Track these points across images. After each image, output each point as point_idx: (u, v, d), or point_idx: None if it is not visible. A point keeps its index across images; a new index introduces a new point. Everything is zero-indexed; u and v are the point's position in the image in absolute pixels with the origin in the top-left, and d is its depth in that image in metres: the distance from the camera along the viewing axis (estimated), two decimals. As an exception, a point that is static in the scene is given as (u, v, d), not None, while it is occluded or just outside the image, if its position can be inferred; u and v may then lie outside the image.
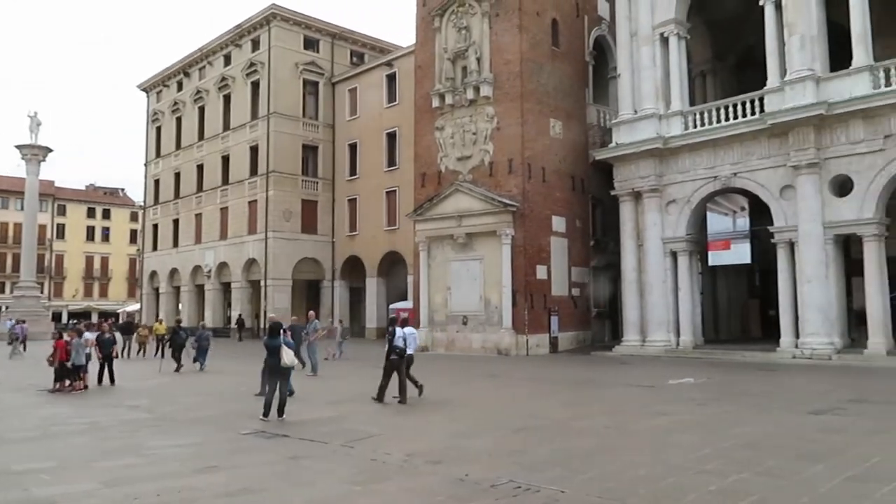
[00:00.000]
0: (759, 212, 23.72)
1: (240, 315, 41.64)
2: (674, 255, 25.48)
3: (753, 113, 23.43)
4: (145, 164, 54.32)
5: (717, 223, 24.84)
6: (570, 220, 29.05)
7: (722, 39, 30.46)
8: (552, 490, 6.65)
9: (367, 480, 7.29)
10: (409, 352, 13.64)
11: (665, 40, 26.08)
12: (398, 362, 13.29)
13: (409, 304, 31.95)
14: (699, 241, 25.50)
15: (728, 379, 17.46)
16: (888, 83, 20.66)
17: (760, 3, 23.49)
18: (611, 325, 30.70)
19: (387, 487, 7.08)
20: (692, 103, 27.05)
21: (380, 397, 13.31)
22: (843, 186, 21.60)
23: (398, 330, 13.56)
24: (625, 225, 26.76)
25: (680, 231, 25.29)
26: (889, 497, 6.28)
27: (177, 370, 21.00)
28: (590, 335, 29.58)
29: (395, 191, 38.24)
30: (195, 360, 21.47)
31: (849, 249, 22.67)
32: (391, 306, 34.03)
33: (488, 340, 27.28)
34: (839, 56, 22.13)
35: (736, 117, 23.95)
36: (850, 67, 21.40)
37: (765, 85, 23.30)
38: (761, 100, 23.34)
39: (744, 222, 24.19)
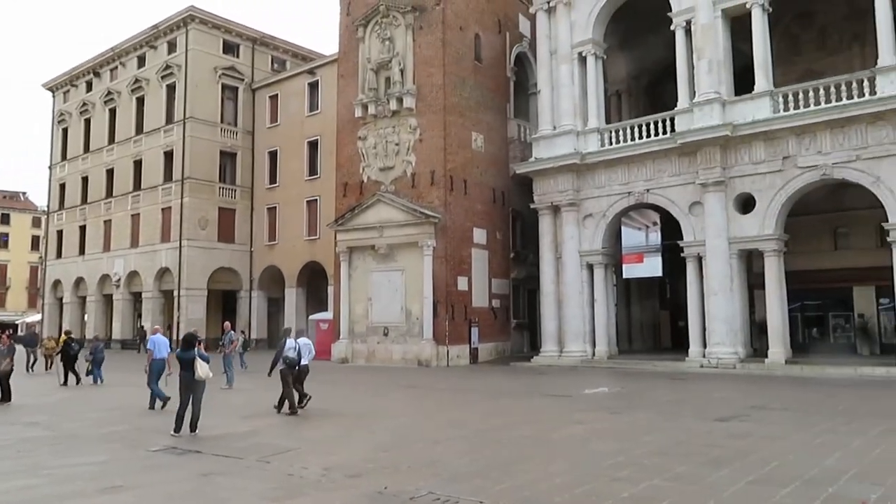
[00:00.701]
0: (671, 227, 24.74)
1: (142, 326, 40.06)
2: (590, 267, 26.21)
3: (665, 132, 24.46)
4: (50, 168, 51.50)
5: (631, 237, 25.74)
6: (490, 232, 29.45)
7: (636, 61, 31.69)
8: (472, 501, 6.69)
9: (283, 496, 7.12)
10: (303, 362, 13.57)
11: (583, 59, 26.91)
12: (286, 371, 13.22)
13: (329, 315, 31.54)
14: (614, 255, 26.33)
15: (640, 388, 18.06)
16: (786, 108, 22.03)
17: (672, 27, 24.61)
18: (530, 336, 31.25)
19: (303, 502, 6.93)
20: (608, 121, 28.00)
21: (280, 408, 13.41)
22: (746, 204, 22.81)
23: (290, 341, 13.51)
24: (544, 238, 27.34)
25: (596, 244, 26.05)
26: (787, 499, 6.64)
27: (64, 383, 20.10)
28: (509, 346, 30.00)
29: (316, 200, 37.74)
30: (89, 374, 20.60)
31: (751, 264, 23.94)
32: (311, 317, 33.48)
33: (409, 351, 27.23)
34: (744, 80, 23.43)
35: (649, 136, 24.93)
36: (753, 92, 22.69)
37: (675, 106, 24.38)
38: (672, 120, 24.40)
39: (656, 237, 25.16)
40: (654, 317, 31.85)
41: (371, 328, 28.70)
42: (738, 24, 23.82)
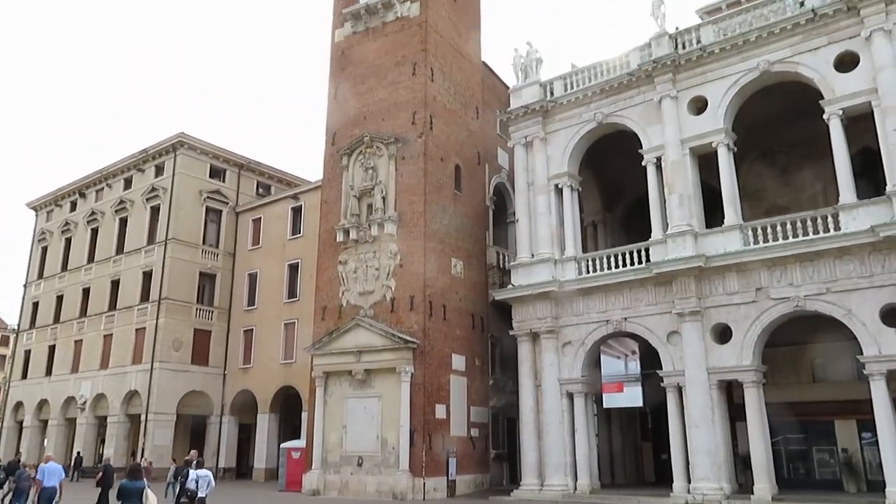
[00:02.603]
0: (650, 355, 24.68)
1: (78, 452, 38.50)
2: (570, 396, 25.82)
3: (640, 262, 24.94)
4: (25, 286, 50.95)
5: (611, 366, 25.57)
6: (469, 358, 29.17)
7: (611, 193, 32.85)
8: None
9: None
10: (200, 495, 13.32)
11: (559, 191, 27.84)
12: None
13: (301, 443, 30.41)
14: (594, 383, 26.02)
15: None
16: (756, 241, 22.68)
17: (643, 163, 25.73)
18: (509, 468, 30.21)
19: None
20: (585, 250, 28.59)
21: None
22: (723, 334, 22.95)
23: (191, 472, 13.38)
24: (523, 365, 27.06)
25: (575, 372, 25.80)
26: None
27: None
28: (488, 478, 28.91)
29: (293, 323, 37.42)
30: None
31: (732, 395, 23.73)
32: (282, 445, 32.29)
33: (384, 483, 26.09)
34: (715, 211, 24.25)
35: (625, 265, 25.38)
36: (724, 225, 23.45)
37: (650, 236, 25.05)
38: (647, 250, 24.97)
39: (635, 366, 25.03)
40: (636, 448, 31.06)
41: (345, 457, 27.63)
42: (706, 161, 24.98)
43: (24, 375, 47.81)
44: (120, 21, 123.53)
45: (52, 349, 45.89)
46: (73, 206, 48.53)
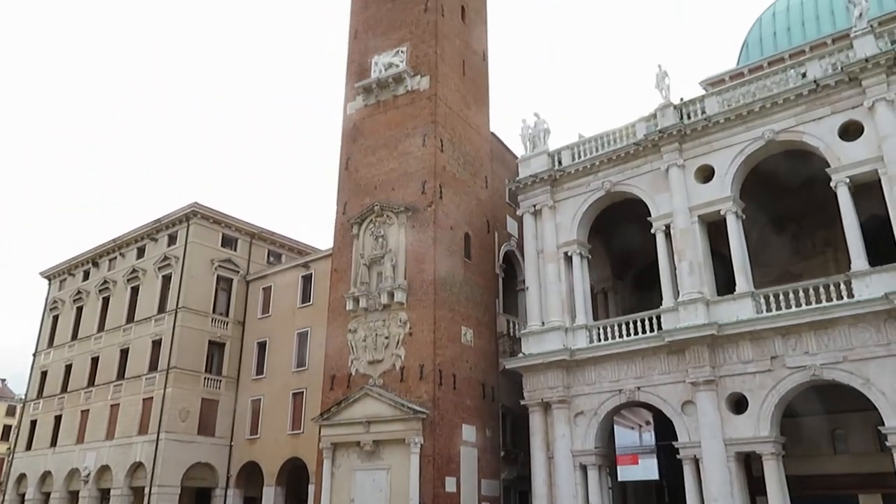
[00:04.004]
0: (665, 426, 24.13)
1: None
2: (584, 468, 25.14)
3: (652, 330, 24.70)
4: (34, 355, 50.82)
5: (625, 437, 25.00)
6: (480, 429, 28.61)
7: (620, 260, 32.84)
8: None
9: None
10: None
11: (569, 259, 27.87)
12: None
13: (308, 517, 29.58)
14: (608, 455, 25.39)
15: None
16: (769, 308, 22.48)
17: (652, 231, 25.81)
18: (522, 544, 29.18)
19: None
20: (596, 318, 28.38)
21: None
22: (739, 404, 22.47)
23: None
24: (535, 436, 26.48)
25: (588, 444, 25.20)
26: None
27: None
28: (500, 555, 27.89)
29: (302, 392, 36.95)
30: None
31: (750, 467, 23.06)
32: (288, 520, 31.39)
33: (392, 561, 25.22)
34: (727, 278, 24.12)
35: (637, 333, 25.14)
36: (735, 293, 23.29)
37: (661, 303, 24.88)
38: (658, 318, 24.76)
39: (649, 437, 24.46)
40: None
41: (352, 534, 26.81)
42: (715, 228, 25.05)
43: (29, 446, 47.15)
44: (139, 92, 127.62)
45: (58, 419, 45.39)
46: (86, 276, 48.90)
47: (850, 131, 22.45)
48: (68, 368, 46.68)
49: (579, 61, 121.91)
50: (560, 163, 28.93)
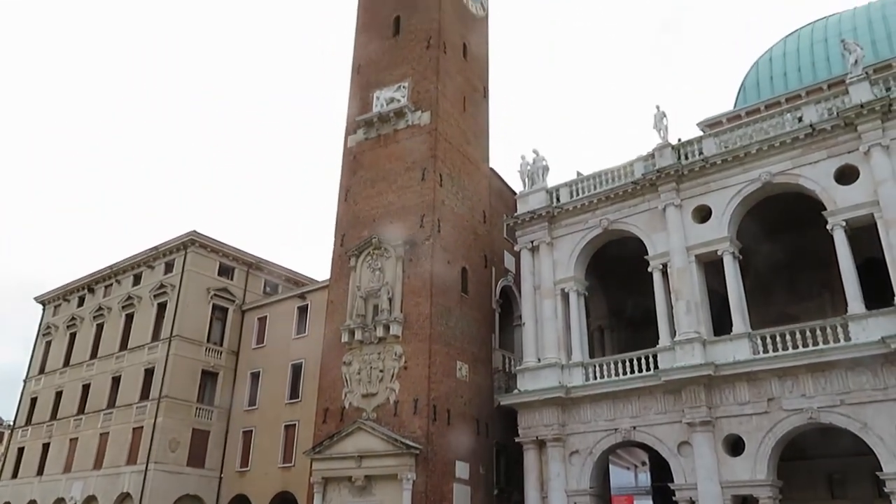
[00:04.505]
0: (661, 467, 23.87)
1: None
2: (578, 509, 24.78)
3: (649, 368, 24.59)
4: (25, 381, 50.28)
5: (620, 477, 24.77)
6: (473, 465, 28.25)
7: (617, 297, 32.81)
8: None
9: None
10: None
11: (566, 295, 27.85)
12: None
13: (296, 554, 29.03)
14: (603, 495, 25.08)
15: None
16: (766, 350, 22.42)
17: (649, 269, 25.87)
18: (514, 587, 28.61)
19: None
20: (592, 355, 28.26)
21: None
22: (735, 446, 22.27)
23: None
24: (529, 474, 26.16)
25: (583, 483, 24.88)
26: None
27: None
28: None
29: (294, 425, 36.55)
30: None
31: (747, 511, 22.74)
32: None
33: None
34: (723, 318, 24.09)
35: (633, 371, 25.02)
36: (732, 333, 23.25)
37: (658, 342, 24.80)
38: (655, 357, 24.67)
39: (645, 477, 24.25)
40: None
41: (341, 571, 26.30)
42: (712, 267, 25.10)
43: (15, 474, 46.34)
44: (137, 120, 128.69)
45: (46, 447, 44.72)
46: (81, 302, 48.67)
47: (846, 175, 22.68)
48: (59, 395, 46.19)
49: (577, 101, 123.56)
50: (558, 200, 29.10)
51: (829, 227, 22.44)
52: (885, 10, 35.80)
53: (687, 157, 26.10)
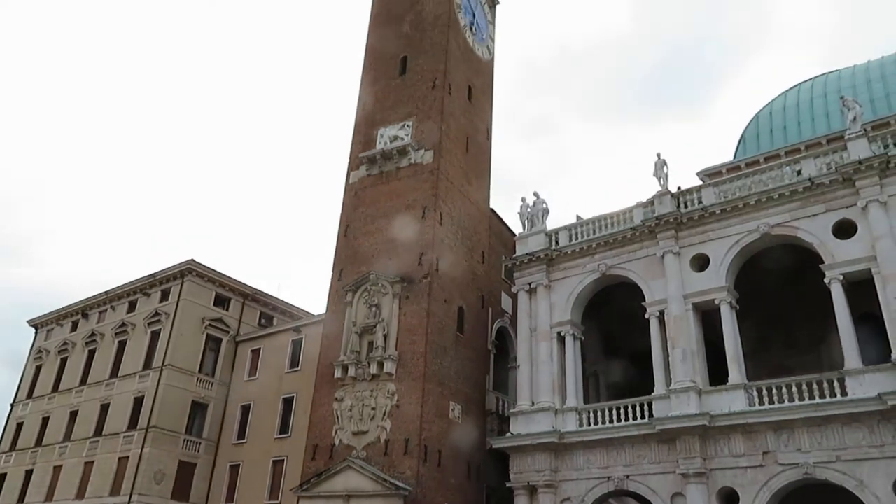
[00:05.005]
0: (653, 518, 23.42)
1: None
2: (568, 558, 24.27)
3: (643, 416, 24.32)
4: (11, 405, 49.63)
5: (612, 527, 24.23)
6: (463, 510, 27.74)
7: (614, 342, 32.62)
8: None
9: None
10: None
11: (562, 339, 27.72)
12: None
13: None
14: (594, 546, 24.55)
15: None
16: (761, 402, 22.22)
17: (646, 316, 25.79)
18: None
19: None
20: (587, 400, 27.99)
21: None
22: (730, 499, 21.92)
23: None
24: (519, 521, 25.67)
25: (574, 532, 24.40)
26: None
27: None
28: None
29: (283, 460, 35.95)
30: None
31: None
32: None
33: None
34: (719, 368, 23.91)
35: (628, 419, 24.74)
36: (728, 384, 23.07)
37: (653, 389, 24.59)
38: (650, 404, 24.43)
39: (637, 529, 23.72)
40: None
41: None
42: (710, 316, 25.03)
43: (-6, 502, 45.51)
44: (138, 148, 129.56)
45: (28, 474, 43.89)
46: (74, 326, 48.36)
47: (844, 229, 22.78)
48: (45, 421, 45.56)
49: (579, 145, 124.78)
50: (557, 243, 29.17)
51: (826, 280, 22.46)
52: (883, 70, 36.48)
53: (686, 206, 26.26)
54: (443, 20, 35.58)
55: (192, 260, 42.23)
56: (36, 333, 51.87)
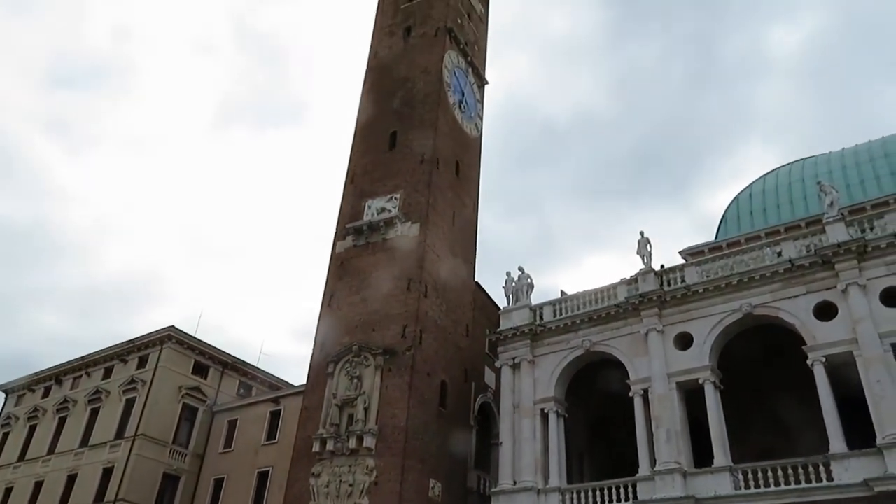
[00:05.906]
0: None
1: None
2: None
3: (627, 498, 23.75)
4: (-26, 474, 47.68)
5: None
6: None
7: (597, 420, 32.17)
8: None
9: None
10: None
11: (545, 416, 27.30)
12: None
13: None
14: None
15: None
16: (747, 485, 21.83)
17: (630, 394, 25.56)
18: None
19: None
20: (570, 480, 27.34)
21: None
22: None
23: None
24: None
25: None
26: None
27: None
28: None
29: (255, 539, 34.61)
30: None
31: None
32: None
33: None
34: (705, 444, 23.51)
35: (611, 500, 24.14)
36: (713, 465, 22.70)
37: (638, 469, 24.09)
38: (635, 486, 23.90)
39: None
40: None
41: None
42: (694, 395, 24.83)
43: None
44: (126, 212, 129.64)
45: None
46: (47, 392, 47.02)
47: (825, 311, 22.98)
48: (8, 492, 43.65)
49: (563, 221, 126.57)
50: (541, 318, 29.12)
51: (809, 362, 22.48)
52: (857, 157, 37.69)
53: (669, 284, 26.46)
54: (433, 98, 36.55)
55: (173, 326, 41.68)
56: (6, 399, 50.38)
